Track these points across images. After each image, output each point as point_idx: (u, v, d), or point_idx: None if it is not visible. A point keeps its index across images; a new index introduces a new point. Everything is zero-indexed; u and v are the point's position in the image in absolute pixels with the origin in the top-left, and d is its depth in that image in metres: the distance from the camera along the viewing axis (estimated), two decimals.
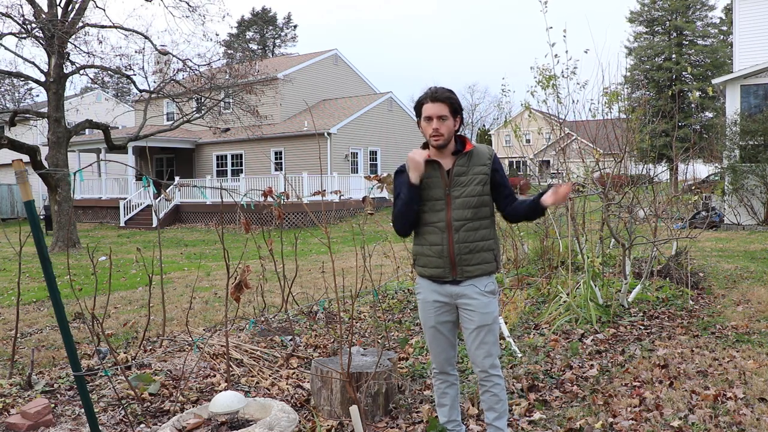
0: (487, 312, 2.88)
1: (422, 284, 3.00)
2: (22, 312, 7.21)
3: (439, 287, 2.92)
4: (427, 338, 3.06)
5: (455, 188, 2.85)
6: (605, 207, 6.25)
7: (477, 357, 2.92)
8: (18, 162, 2.83)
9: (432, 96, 2.81)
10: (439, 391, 3.13)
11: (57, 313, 2.83)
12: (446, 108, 2.80)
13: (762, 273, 8.00)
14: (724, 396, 3.72)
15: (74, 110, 25.26)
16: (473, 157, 2.88)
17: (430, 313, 2.97)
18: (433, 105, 2.80)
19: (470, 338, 2.91)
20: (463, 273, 2.86)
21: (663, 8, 31.93)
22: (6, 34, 15.15)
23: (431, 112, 2.80)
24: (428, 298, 2.96)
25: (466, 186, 2.85)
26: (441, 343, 3.01)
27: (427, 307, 2.97)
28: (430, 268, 2.91)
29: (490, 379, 2.94)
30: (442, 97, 2.81)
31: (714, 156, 16.31)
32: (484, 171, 2.87)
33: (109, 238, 19.42)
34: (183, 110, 19.77)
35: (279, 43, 61.44)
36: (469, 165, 2.87)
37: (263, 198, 4.23)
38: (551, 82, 6.62)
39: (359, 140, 26.27)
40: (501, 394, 2.96)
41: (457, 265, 2.85)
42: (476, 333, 2.88)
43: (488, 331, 2.89)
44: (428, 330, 3.01)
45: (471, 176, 2.86)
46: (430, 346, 3.06)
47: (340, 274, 8.17)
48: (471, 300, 2.87)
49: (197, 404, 3.86)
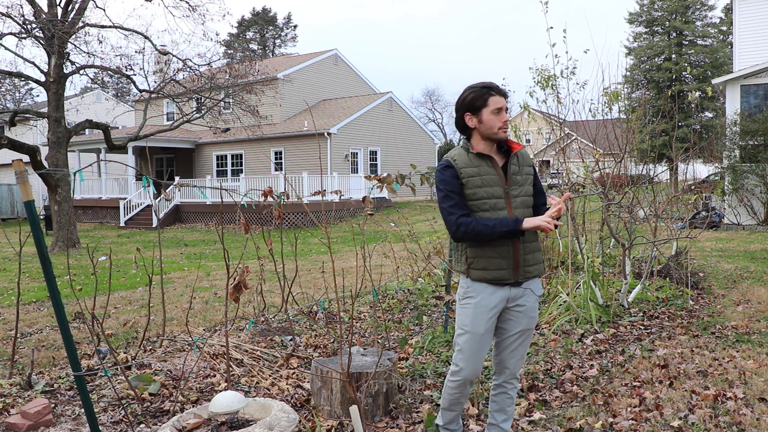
0: (534, 316, 2.88)
1: (478, 288, 2.80)
2: (22, 312, 7.21)
3: (497, 290, 2.79)
4: (470, 345, 2.82)
5: (513, 187, 2.80)
6: (605, 207, 6.25)
7: (512, 359, 2.90)
8: (18, 162, 2.83)
9: (497, 89, 2.79)
10: (453, 399, 2.98)
11: (57, 313, 2.83)
12: (505, 102, 2.81)
13: (762, 273, 8.00)
14: (724, 396, 3.72)
15: (74, 110, 25.26)
16: (521, 156, 2.87)
17: (483, 318, 2.79)
18: (500, 98, 2.77)
19: (511, 340, 2.87)
20: (524, 274, 2.80)
21: (662, 9, 31.91)
22: (6, 34, 15.14)
23: (501, 104, 2.77)
24: (483, 302, 2.79)
25: (522, 185, 2.82)
26: (484, 351, 2.85)
27: (481, 312, 2.79)
28: (492, 270, 2.77)
29: (512, 381, 2.96)
30: (504, 91, 2.81)
31: (714, 156, 16.31)
32: (531, 172, 2.88)
33: (109, 238, 19.42)
34: (183, 110, 19.77)
35: (279, 43, 61.43)
36: (521, 165, 2.85)
37: (263, 198, 4.22)
38: (551, 83, 6.63)
39: (359, 140, 26.28)
40: (515, 397, 2.99)
41: (520, 266, 2.79)
42: (518, 335, 2.87)
43: (529, 335, 2.90)
44: (475, 337, 2.80)
45: (524, 176, 2.84)
46: (470, 355, 2.83)
47: (340, 274, 8.17)
48: (526, 302, 2.84)
49: (197, 404, 3.86)
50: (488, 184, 2.75)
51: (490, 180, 2.76)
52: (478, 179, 2.75)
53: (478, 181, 2.75)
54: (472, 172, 2.76)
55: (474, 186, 2.75)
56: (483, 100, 2.75)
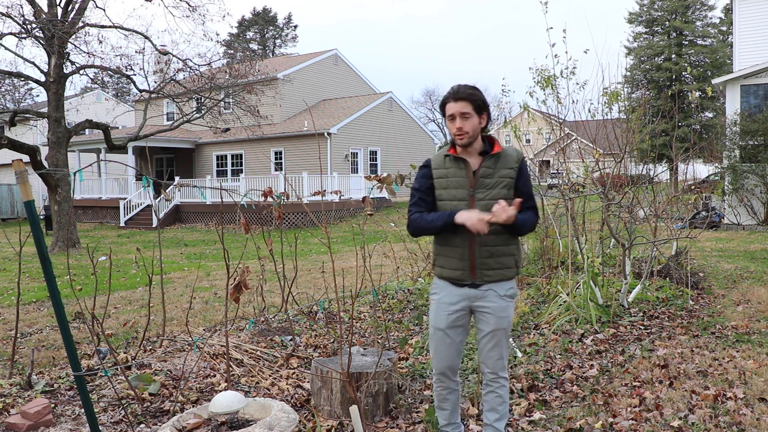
0: (504, 316, 2.85)
1: (440, 285, 2.92)
2: (22, 312, 7.21)
3: (457, 289, 2.86)
4: (434, 340, 2.95)
5: (480, 190, 2.79)
6: (605, 207, 6.25)
7: (489, 359, 2.90)
8: (18, 162, 2.83)
9: (454, 95, 2.76)
10: (440, 397, 3.07)
11: (57, 313, 2.83)
12: (469, 106, 2.74)
13: (762, 273, 8.00)
14: (724, 396, 3.72)
15: (74, 110, 25.27)
16: (501, 159, 2.82)
17: (443, 315, 2.88)
18: (455, 103, 2.75)
19: (484, 341, 2.89)
20: (482, 277, 2.81)
21: (662, 9, 31.91)
22: (6, 34, 15.14)
23: (454, 110, 2.75)
24: (445, 299, 2.88)
25: (491, 189, 2.78)
26: (447, 348, 2.91)
27: (441, 309, 2.89)
28: (449, 270, 2.85)
29: (498, 380, 2.94)
30: (464, 94, 2.75)
31: (714, 156, 16.31)
32: (511, 175, 2.80)
33: (109, 238, 19.42)
34: (183, 110, 19.77)
35: (279, 43, 61.45)
36: (496, 167, 2.80)
37: (263, 198, 4.22)
38: (551, 83, 6.62)
39: (359, 140, 26.27)
40: (505, 395, 2.96)
41: (477, 269, 2.79)
42: (491, 336, 2.86)
43: (503, 335, 2.88)
44: (436, 332, 2.91)
45: (497, 179, 2.79)
46: (434, 350, 2.96)
47: (340, 274, 8.18)
48: (489, 303, 2.83)
49: (197, 404, 3.86)
50: (453, 186, 2.82)
51: (455, 182, 2.82)
52: (444, 181, 2.85)
53: (444, 183, 2.85)
54: (440, 174, 2.86)
55: (440, 187, 2.86)
56: (444, 107, 2.83)
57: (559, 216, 7.83)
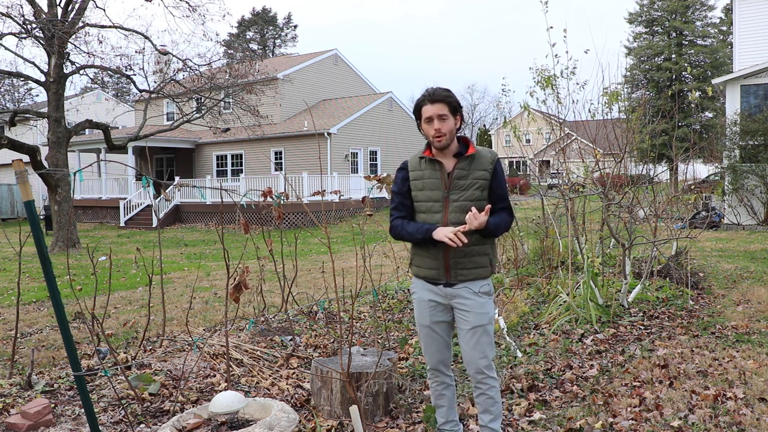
0: (482, 312, 2.87)
1: (417, 284, 3.01)
2: (22, 312, 7.21)
3: (433, 287, 2.93)
4: (422, 338, 3.04)
5: (454, 191, 2.83)
6: (605, 207, 6.25)
7: (472, 357, 2.91)
8: (18, 162, 2.83)
9: (430, 97, 2.81)
10: (435, 393, 3.12)
11: (57, 313, 2.83)
12: (445, 107, 2.80)
13: (762, 273, 8.00)
14: (724, 396, 3.72)
15: (74, 110, 25.26)
16: (475, 160, 2.85)
17: (425, 312, 2.97)
18: (432, 106, 2.80)
19: (465, 339, 2.91)
20: (456, 276, 2.86)
21: (662, 9, 31.91)
22: (6, 34, 15.13)
23: (431, 112, 2.80)
24: (423, 297, 2.97)
25: (465, 190, 2.83)
26: (435, 343, 3.00)
27: (422, 306, 2.98)
28: (425, 269, 2.93)
29: (486, 381, 2.93)
30: (440, 96, 2.80)
31: (714, 156, 16.31)
32: (485, 176, 2.84)
33: (109, 238, 19.42)
34: (183, 110, 19.77)
35: (279, 43, 61.46)
36: (470, 169, 2.84)
37: (263, 198, 4.22)
38: (551, 83, 6.62)
39: (359, 140, 26.27)
40: (496, 396, 2.95)
41: (451, 269, 2.85)
42: (471, 333, 2.88)
43: (483, 332, 2.88)
44: (423, 329, 3.01)
45: (471, 180, 2.83)
46: (424, 346, 3.05)
47: (340, 274, 8.18)
48: (465, 300, 2.87)
49: (197, 404, 3.86)
50: (428, 188, 2.87)
51: (430, 184, 2.87)
52: (420, 183, 2.90)
53: (420, 185, 2.90)
54: (416, 176, 2.92)
55: (416, 189, 2.91)
56: (419, 111, 2.86)
57: (559, 216, 7.83)
